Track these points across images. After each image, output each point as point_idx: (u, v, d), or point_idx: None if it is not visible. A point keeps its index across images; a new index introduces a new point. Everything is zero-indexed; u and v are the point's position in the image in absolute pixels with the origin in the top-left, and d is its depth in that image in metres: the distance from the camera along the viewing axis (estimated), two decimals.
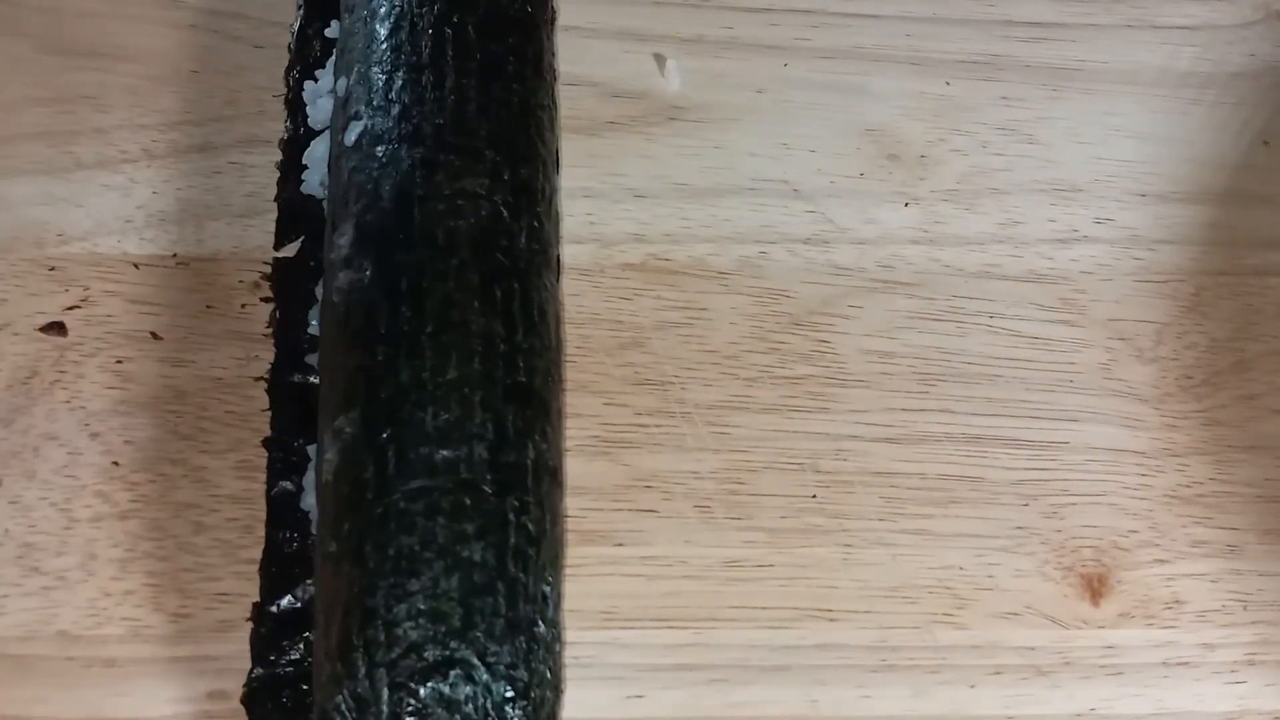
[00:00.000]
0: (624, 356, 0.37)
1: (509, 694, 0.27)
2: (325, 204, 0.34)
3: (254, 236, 0.38)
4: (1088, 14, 0.43)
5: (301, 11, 0.38)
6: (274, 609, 0.32)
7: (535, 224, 0.32)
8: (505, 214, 0.32)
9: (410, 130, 0.32)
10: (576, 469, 0.36)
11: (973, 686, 0.34)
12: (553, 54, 0.35)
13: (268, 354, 0.35)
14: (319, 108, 0.37)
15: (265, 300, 0.37)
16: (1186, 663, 0.35)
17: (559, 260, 0.34)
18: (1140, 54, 0.43)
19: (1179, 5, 0.44)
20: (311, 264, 0.35)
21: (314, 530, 0.31)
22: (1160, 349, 0.39)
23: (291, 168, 0.37)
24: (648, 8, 0.42)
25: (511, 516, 0.28)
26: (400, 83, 0.32)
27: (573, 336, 0.37)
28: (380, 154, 0.32)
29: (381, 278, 0.30)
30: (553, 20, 0.36)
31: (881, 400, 0.37)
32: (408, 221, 0.31)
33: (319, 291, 0.34)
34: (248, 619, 0.32)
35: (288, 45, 0.38)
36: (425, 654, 0.27)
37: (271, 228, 0.37)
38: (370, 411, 0.29)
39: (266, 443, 0.34)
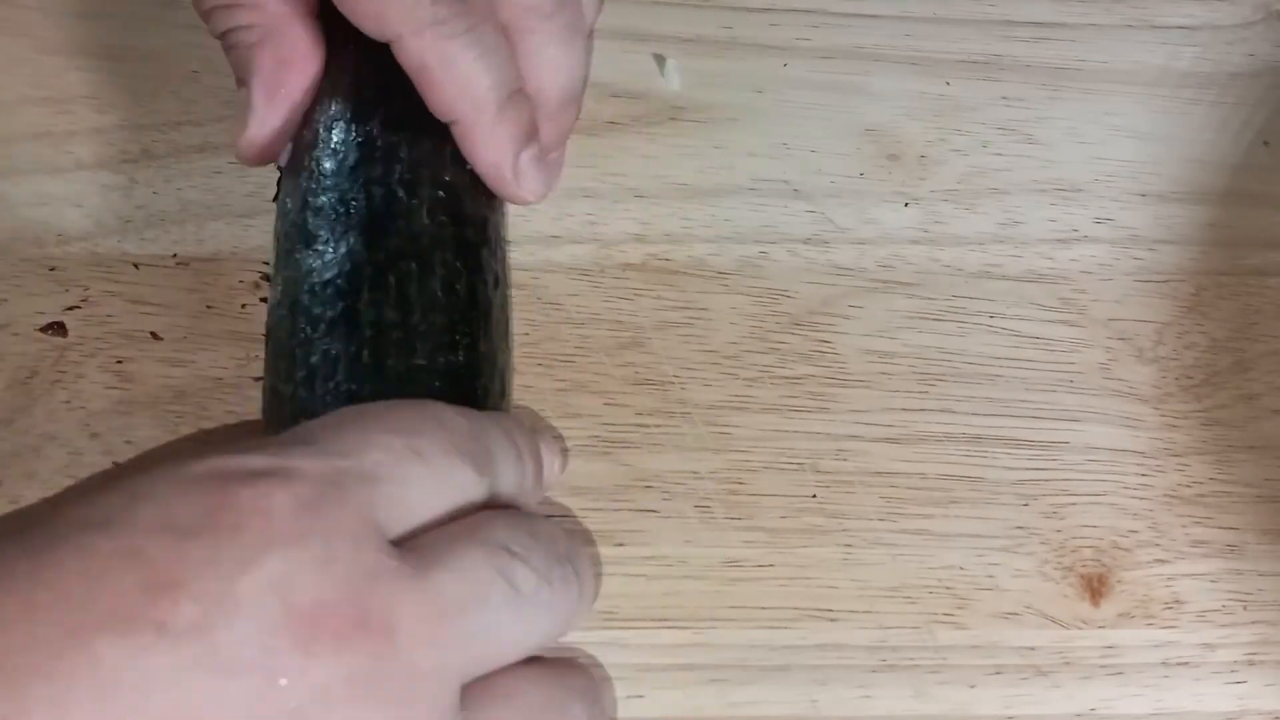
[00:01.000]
0: (624, 356, 0.37)
1: None
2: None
3: (254, 236, 0.38)
4: (1088, 14, 0.43)
5: None
6: None
7: (440, 193, 0.32)
8: (400, 193, 0.32)
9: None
10: (576, 469, 0.36)
11: (973, 686, 0.34)
12: None
13: None
14: None
15: (265, 300, 0.37)
16: (1186, 663, 0.35)
17: (491, 223, 0.33)
18: (1140, 54, 0.43)
19: (1179, 5, 0.44)
20: None
21: None
22: (1160, 349, 0.39)
23: None
24: (648, 8, 0.42)
25: None
26: None
27: (572, 336, 0.37)
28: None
29: (284, 293, 0.31)
30: None
31: (881, 400, 0.37)
32: (304, 229, 0.32)
33: None
34: None
35: None
36: None
37: (271, 228, 0.37)
38: (273, 431, 0.29)
39: None
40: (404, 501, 0.26)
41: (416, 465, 0.27)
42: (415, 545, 0.26)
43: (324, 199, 0.32)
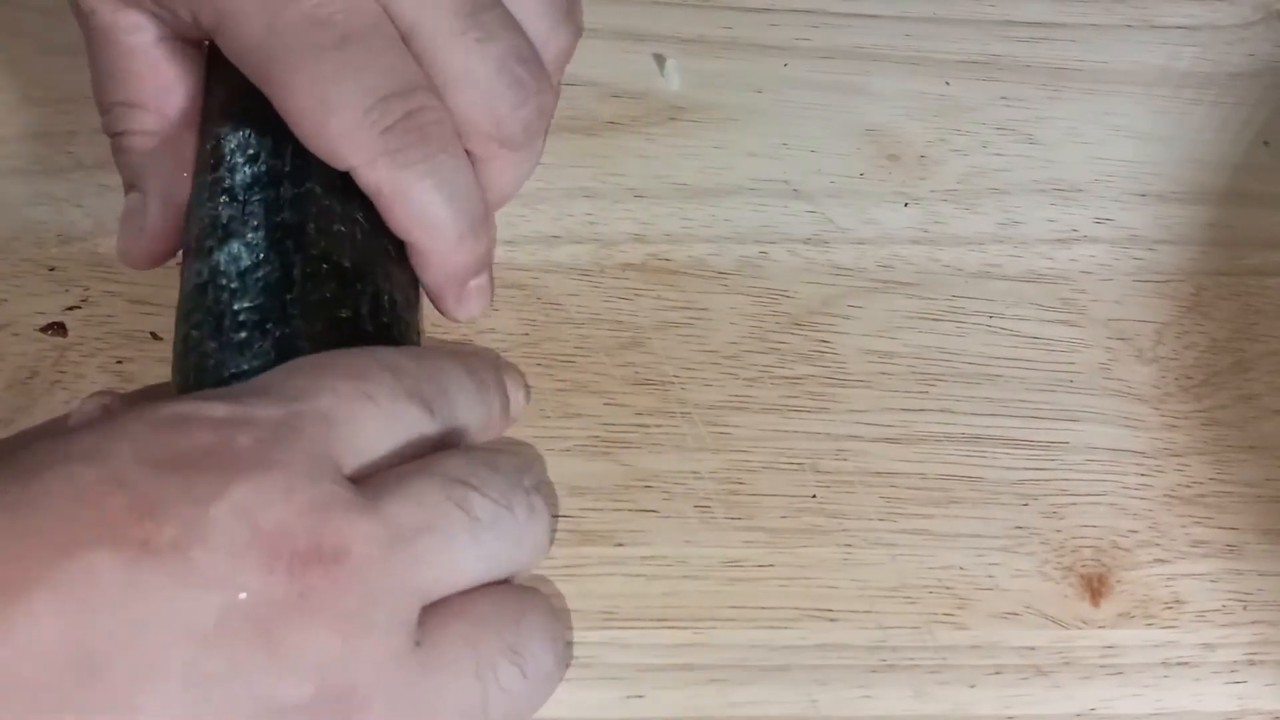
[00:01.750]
0: (624, 356, 0.37)
1: None
2: None
3: None
4: (1088, 14, 0.43)
5: None
6: None
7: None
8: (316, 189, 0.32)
9: None
10: (576, 469, 0.36)
11: (973, 686, 0.34)
12: None
13: None
14: None
15: None
16: (1186, 663, 0.35)
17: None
18: (1140, 54, 0.43)
19: (1179, 5, 0.44)
20: None
21: None
22: (1160, 349, 0.39)
23: None
24: (648, 8, 0.42)
25: None
26: None
27: (572, 336, 0.37)
28: None
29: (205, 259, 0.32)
30: None
31: (881, 400, 0.37)
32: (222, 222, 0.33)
33: None
34: None
35: None
36: None
37: None
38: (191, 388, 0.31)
39: None
40: (356, 440, 0.28)
41: (367, 407, 0.28)
42: (370, 481, 0.28)
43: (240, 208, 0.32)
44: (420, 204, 0.32)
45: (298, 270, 0.31)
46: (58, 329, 0.37)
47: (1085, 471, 0.37)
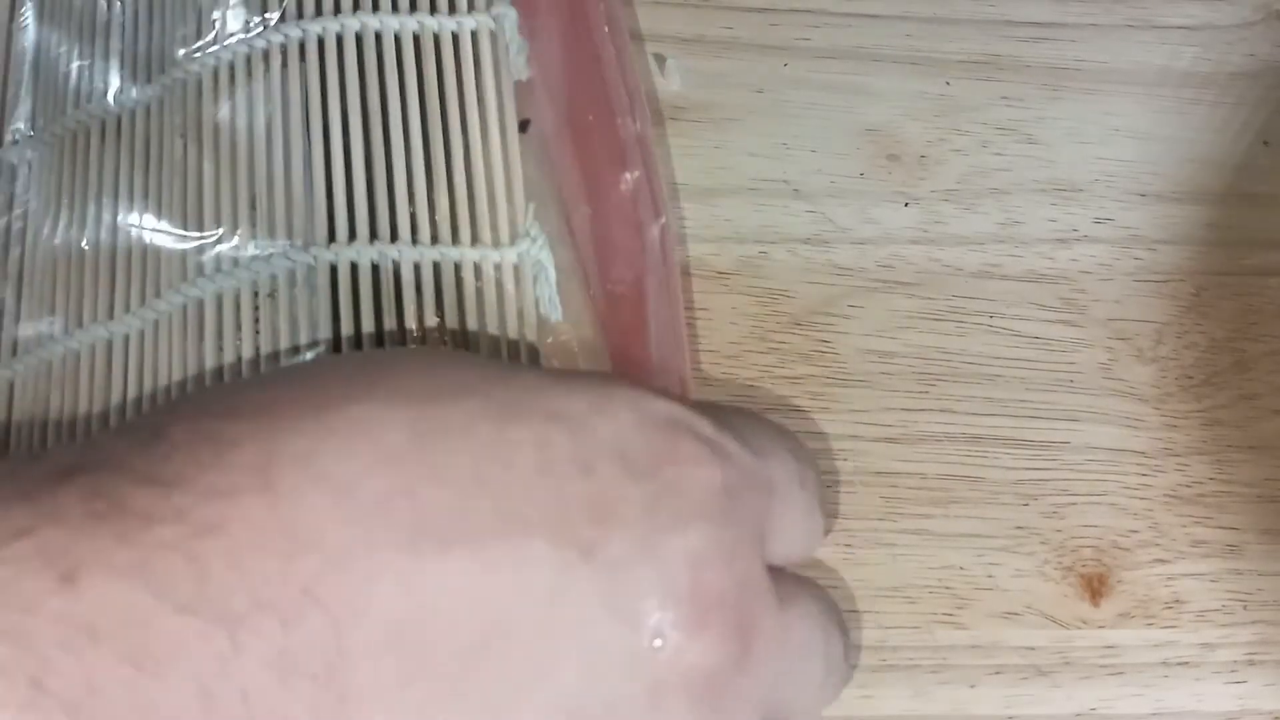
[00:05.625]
0: None
1: None
2: None
3: None
4: (1088, 14, 0.43)
5: None
6: None
7: None
8: None
9: None
10: None
11: (973, 686, 0.34)
12: None
13: None
14: None
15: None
16: (1186, 663, 0.35)
17: None
18: (1140, 54, 0.43)
19: (1179, 5, 0.44)
20: None
21: None
22: (1160, 349, 0.39)
23: None
24: (648, 8, 0.42)
25: None
26: None
27: None
28: None
29: None
30: None
31: (881, 400, 0.37)
32: None
33: None
34: None
35: None
36: None
37: None
38: None
39: None
40: (783, 521, 0.27)
41: (801, 492, 0.28)
42: (774, 576, 0.26)
43: None
44: None
45: None
46: None
47: (1085, 471, 0.37)
